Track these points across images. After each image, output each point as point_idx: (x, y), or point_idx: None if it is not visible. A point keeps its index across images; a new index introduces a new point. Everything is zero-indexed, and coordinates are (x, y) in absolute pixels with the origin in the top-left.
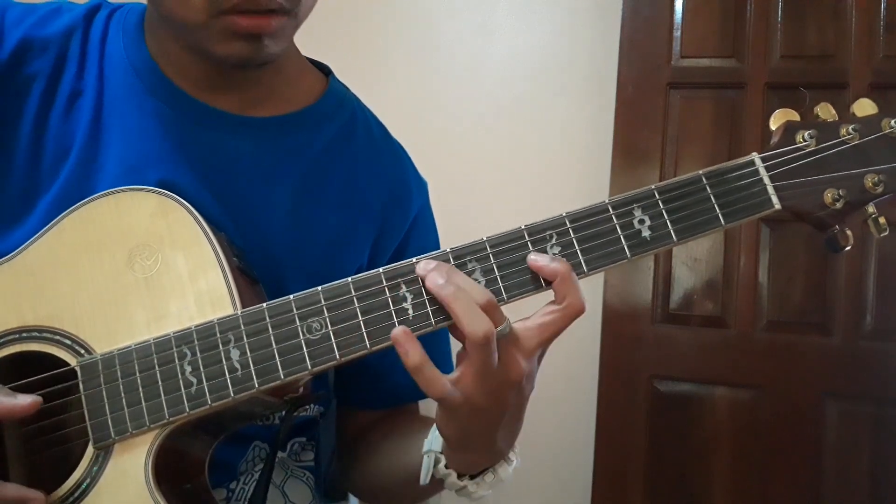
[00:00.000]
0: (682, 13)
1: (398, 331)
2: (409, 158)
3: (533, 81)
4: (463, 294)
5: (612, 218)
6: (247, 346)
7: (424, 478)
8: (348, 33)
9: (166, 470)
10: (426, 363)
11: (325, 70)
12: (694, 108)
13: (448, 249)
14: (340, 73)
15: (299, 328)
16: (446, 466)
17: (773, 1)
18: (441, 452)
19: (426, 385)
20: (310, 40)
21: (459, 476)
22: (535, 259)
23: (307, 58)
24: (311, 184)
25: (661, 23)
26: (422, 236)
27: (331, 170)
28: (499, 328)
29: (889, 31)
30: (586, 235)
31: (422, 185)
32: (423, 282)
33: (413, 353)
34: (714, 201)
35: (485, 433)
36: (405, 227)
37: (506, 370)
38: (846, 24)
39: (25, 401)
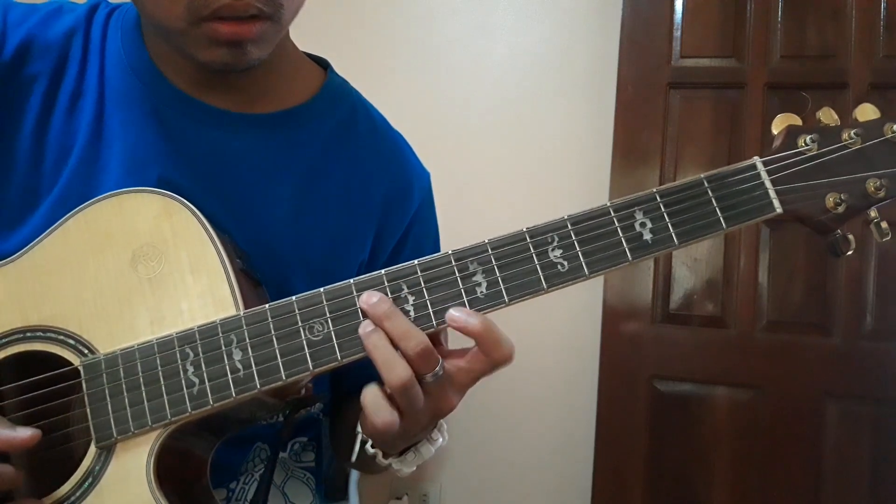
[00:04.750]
0: (682, 13)
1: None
2: (410, 150)
3: (533, 81)
4: (382, 343)
5: (613, 221)
6: (249, 346)
7: (353, 455)
8: (349, 33)
9: (168, 470)
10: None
11: (323, 64)
12: (694, 108)
13: (450, 252)
14: (341, 72)
15: (301, 329)
16: (372, 447)
17: (773, 1)
18: None
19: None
20: (310, 40)
21: (384, 455)
22: (454, 316)
23: (306, 53)
24: (312, 179)
25: (661, 23)
26: (422, 231)
27: (332, 164)
28: (429, 374)
29: (889, 31)
30: (588, 238)
31: (423, 177)
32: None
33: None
34: (715, 205)
35: (405, 438)
36: (406, 221)
37: (437, 405)
38: (846, 24)
39: (25, 434)
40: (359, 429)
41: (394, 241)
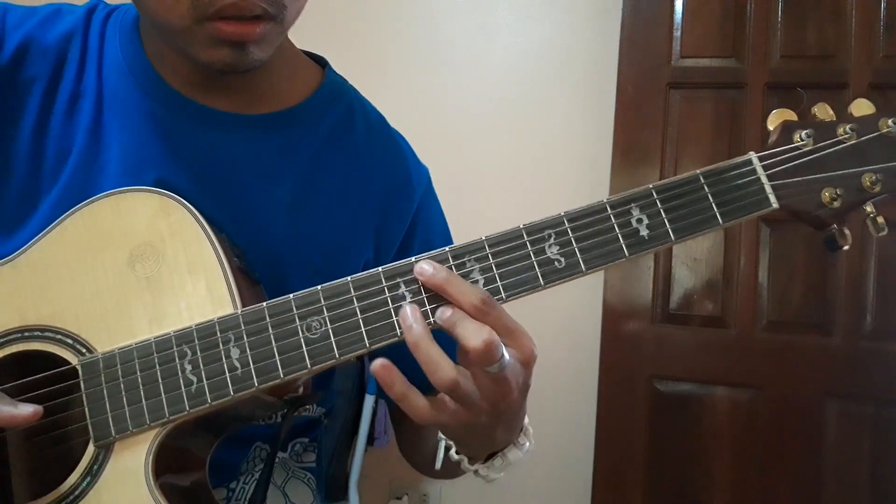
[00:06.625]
0: (682, 13)
1: (377, 363)
2: (408, 147)
3: (533, 81)
4: (425, 340)
5: (610, 217)
6: (247, 345)
7: (438, 462)
8: (349, 32)
9: (166, 468)
10: (409, 392)
11: (321, 62)
12: (694, 108)
13: (447, 249)
14: (341, 71)
15: (299, 327)
16: (457, 452)
17: (773, 1)
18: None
19: (411, 413)
20: (310, 39)
21: (470, 461)
22: (423, 268)
23: (303, 51)
24: (310, 179)
25: (661, 23)
26: (427, 226)
27: (329, 163)
28: (493, 366)
29: (889, 31)
30: (584, 234)
31: (422, 173)
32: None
33: (397, 385)
34: (712, 200)
35: (481, 436)
36: (408, 217)
37: (494, 396)
38: (846, 24)
39: (27, 410)
40: (440, 434)
41: (398, 240)
